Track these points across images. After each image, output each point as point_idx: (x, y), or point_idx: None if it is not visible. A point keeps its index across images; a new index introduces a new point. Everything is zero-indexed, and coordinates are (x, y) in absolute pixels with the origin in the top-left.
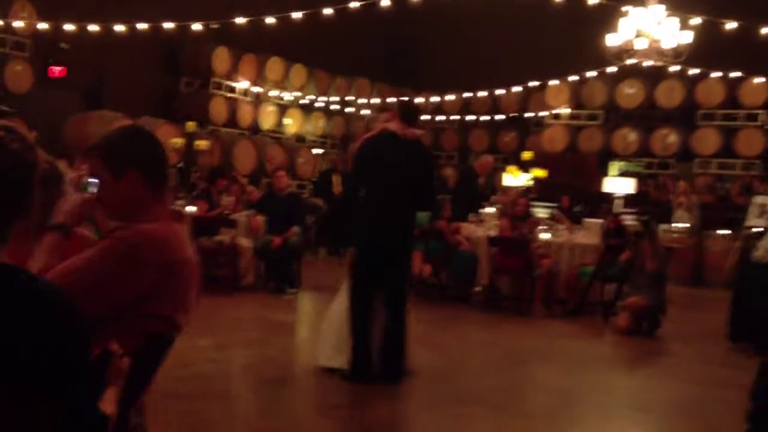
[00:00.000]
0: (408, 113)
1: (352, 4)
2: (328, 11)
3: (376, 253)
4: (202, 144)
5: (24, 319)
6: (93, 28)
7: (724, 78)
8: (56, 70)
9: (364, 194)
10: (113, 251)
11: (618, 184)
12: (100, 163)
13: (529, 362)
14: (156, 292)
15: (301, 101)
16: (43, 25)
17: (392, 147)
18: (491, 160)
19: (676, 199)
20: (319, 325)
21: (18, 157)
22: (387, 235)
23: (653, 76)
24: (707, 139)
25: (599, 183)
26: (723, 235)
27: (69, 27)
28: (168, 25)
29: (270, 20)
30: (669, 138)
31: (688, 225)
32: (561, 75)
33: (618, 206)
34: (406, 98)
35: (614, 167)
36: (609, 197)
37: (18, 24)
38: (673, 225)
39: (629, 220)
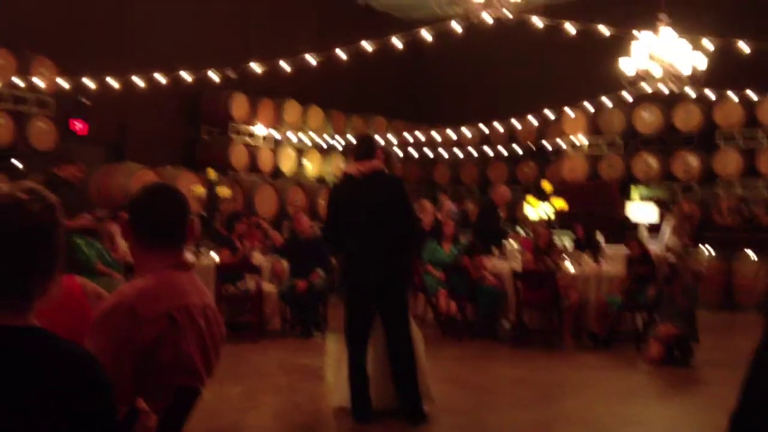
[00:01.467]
0: (359, 149)
1: (365, 44)
2: (341, 53)
3: (361, 290)
4: (223, 191)
5: (51, 380)
6: (113, 82)
7: (742, 98)
8: (79, 125)
9: (338, 239)
10: (109, 316)
11: (641, 211)
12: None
13: (560, 396)
14: (162, 343)
15: (319, 142)
16: (63, 82)
17: (350, 188)
18: (507, 190)
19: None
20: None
21: (39, 218)
22: (367, 272)
23: (670, 101)
24: (729, 161)
25: (622, 210)
26: (752, 257)
27: (89, 83)
28: (186, 75)
29: (285, 65)
30: (690, 161)
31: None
32: (577, 103)
33: (643, 233)
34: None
35: (636, 193)
36: (633, 224)
37: (39, 82)
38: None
39: (654, 246)
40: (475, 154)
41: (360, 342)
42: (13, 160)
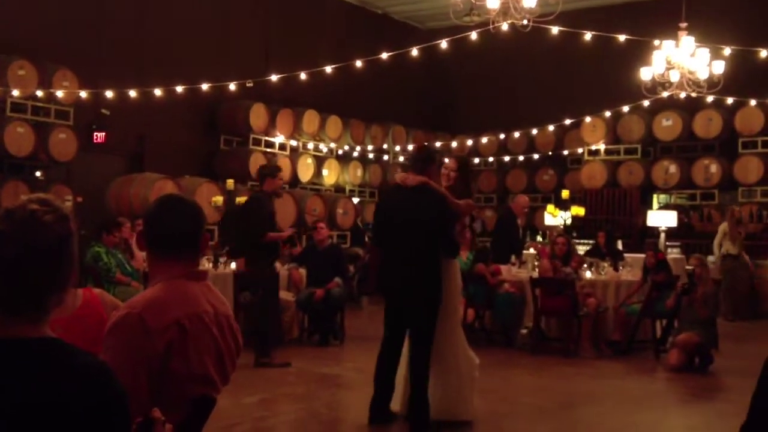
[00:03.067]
0: (414, 161)
1: (384, 55)
2: (359, 63)
3: (395, 303)
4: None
5: (67, 392)
6: (132, 93)
7: (762, 105)
8: (99, 136)
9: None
10: (119, 328)
11: (661, 218)
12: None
13: (579, 404)
14: (172, 352)
15: (338, 151)
16: (84, 93)
17: (397, 199)
18: (526, 199)
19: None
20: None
21: (51, 229)
22: (403, 286)
23: (690, 107)
24: (749, 167)
25: (642, 217)
26: None
27: (109, 93)
28: (205, 86)
29: (304, 76)
30: (711, 168)
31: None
32: (596, 111)
33: (662, 240)
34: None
35: (656, 200)
36: (653, 231)
37: (60, 93)
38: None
39: (674, 253)
40: (494, 163)
41: (388, 350)
42: (37, 173)
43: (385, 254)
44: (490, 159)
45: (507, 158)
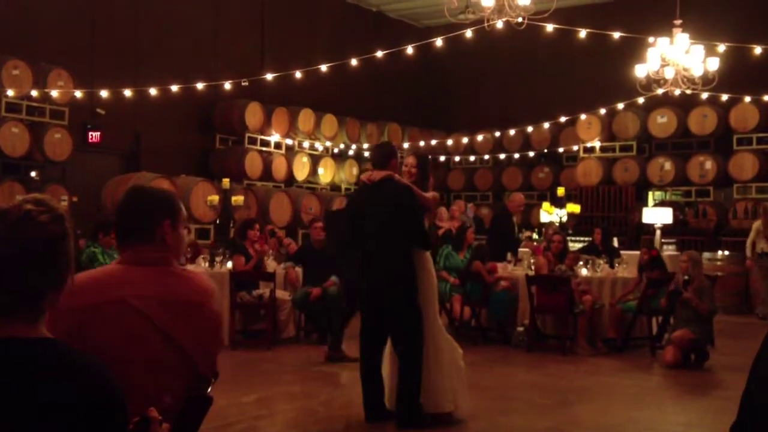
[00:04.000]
0: (376, 157)
1: (379, 53)
2: (354, 62)
3: (368, 296)
4: (238, 199)
5: (63, 390)
6: (128, 92)
7: (757, 101)
8: (94, 135)
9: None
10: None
11: (657, 215)
12: None
13: (575, 402)
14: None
15: (334, 150)
16: (78, 93)
17: (364, 197)
18: (522, 197)
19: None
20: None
21: (46, 228)
22: (374, 278)
23: (685, 104)
24: (744, 164)
25: (637, 214)
26: None
27: (104, 93)
28: (200, 85)
29: (299, 74)
30: (706, 165)
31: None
32: (591, 108)
33: (657, 237)
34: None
35: (652, 197)
36: (648, 228)
37: (54, 93)
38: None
39: (669, 250)
40: (490, 160)
41: (370, 347)
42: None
43: (362, 254)
44: (486, 157)
45: (503, 156)
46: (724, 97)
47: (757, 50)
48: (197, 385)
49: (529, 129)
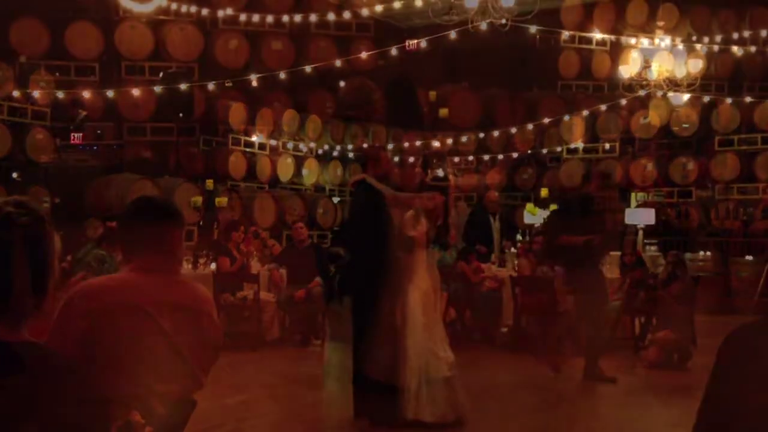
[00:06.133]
0: (359, 161)
1: (363, 54)
2: (338, 63)
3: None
4: (221, 201)
5: (46, 395)
6: (110, 93)
7: (738, 103)
8: (76, 136)
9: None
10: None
11: (639, 215)
12: None
13: (559, 402)
14: (87, 340)
15: (318, 151)
16: (60, 94)
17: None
18: (495, 194)
19: None
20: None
21: (27, 230)
22: (350, 277)
23: (667, 106)
24: (726, 165)
25: (621, 215)
26: (750, 260)
27: (86, 94)
28: (184, 86)
29: (283, 75)
30: (688, 166)
31: None
32: (574, 109)
33: (639, 238)
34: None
35: (635, 198)
36: (631, 229)
37: (36, 93)
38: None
39: (651, 251)
40: (473, 161)
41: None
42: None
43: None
44: (470, 158)
45: (486, 157)
46: (706, 98)
47: (739, 52)
48: (188, 391)
49: (513, 130)
